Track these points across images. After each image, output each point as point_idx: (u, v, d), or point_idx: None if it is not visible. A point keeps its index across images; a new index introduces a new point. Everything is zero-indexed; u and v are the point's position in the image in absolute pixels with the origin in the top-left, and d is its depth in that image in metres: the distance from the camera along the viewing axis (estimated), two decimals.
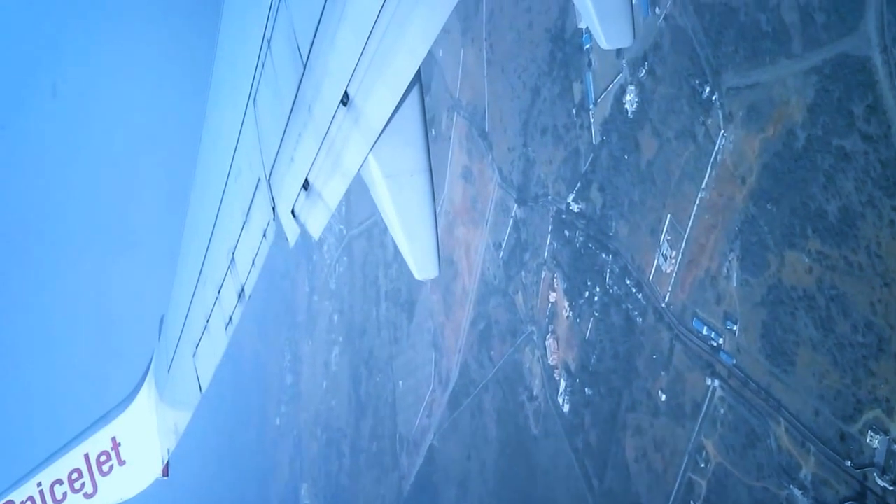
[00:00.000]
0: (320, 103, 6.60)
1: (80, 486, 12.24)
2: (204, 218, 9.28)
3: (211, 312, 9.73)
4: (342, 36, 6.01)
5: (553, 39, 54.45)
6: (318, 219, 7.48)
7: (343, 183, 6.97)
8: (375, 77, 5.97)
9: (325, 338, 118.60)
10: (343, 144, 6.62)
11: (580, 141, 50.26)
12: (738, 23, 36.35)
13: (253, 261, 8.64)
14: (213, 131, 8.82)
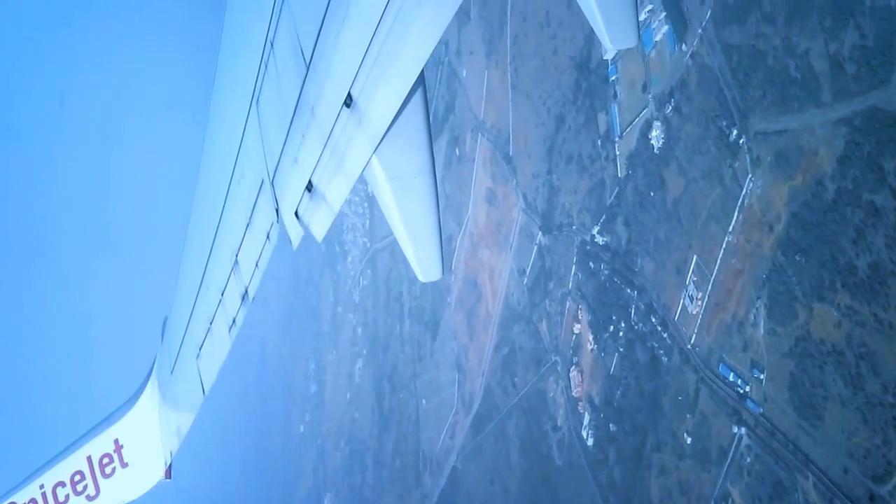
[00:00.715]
0: (323, 105, 6.62)
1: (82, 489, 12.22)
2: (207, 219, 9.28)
3: (214, 314, 9.72)
4: (345, 37, 6.02)
5: (578, 68, 54.24)
6: (322, 220, 7.48)
7: (347, 184, 7.00)
8: (379, 78, 5.98)
9: (348, 349, 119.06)
10: (346, 146, 6.65)
11: (605, 173, 50.03)
12: (766, 66, 35.97)
13: (256, 263, 8.63)
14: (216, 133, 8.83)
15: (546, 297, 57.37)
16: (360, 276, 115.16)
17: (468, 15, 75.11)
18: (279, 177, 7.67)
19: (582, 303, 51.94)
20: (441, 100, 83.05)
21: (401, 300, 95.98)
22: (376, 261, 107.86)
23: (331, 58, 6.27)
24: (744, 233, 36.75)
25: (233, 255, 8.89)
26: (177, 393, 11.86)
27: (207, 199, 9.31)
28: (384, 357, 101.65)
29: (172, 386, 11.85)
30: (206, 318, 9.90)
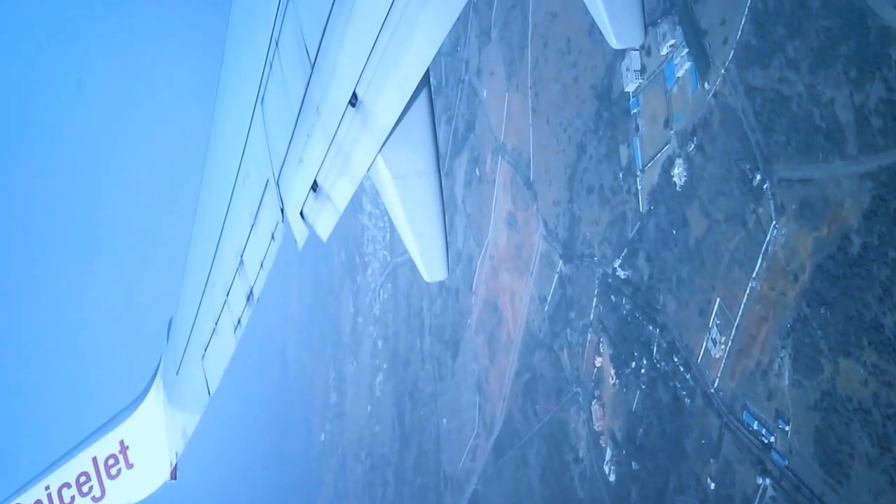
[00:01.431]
0: (329, 104, 6.58)
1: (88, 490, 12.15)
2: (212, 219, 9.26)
3: (220, 315, 9.67)
4: (350, 36, 6.00)
5: (599, 97, 53.93)
6: (327, 220, 7.42)
7: (352, 184, 6.95)
8: (384, 78, 5.94)
9: (369, 362, 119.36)
10: (352, 145, 6.61)
11: (627, 206, 49.71)
12: (790, 112, 35.54)
13: (262, 263, 8.58)
14: (221, 132, 8.81)
15: (567, 327, 57.13)
16: (381, 290, 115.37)
17: (489, 35, 75.04)
18: (284, 176, 7.66)
19: (603, 336, 51.66)
20: (461, 118, 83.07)
21: (421, 316, 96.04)
22: (397, 275, 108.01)
23: (336, 57, 6.26)
24: (768, 280, 36.35)
25: (238, 256, 8.86)
26: (182, 394, 11.80)
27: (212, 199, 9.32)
28: (405, 372, 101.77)
29: (178, 386, 11.80)
30: (211, 318, 9.88)
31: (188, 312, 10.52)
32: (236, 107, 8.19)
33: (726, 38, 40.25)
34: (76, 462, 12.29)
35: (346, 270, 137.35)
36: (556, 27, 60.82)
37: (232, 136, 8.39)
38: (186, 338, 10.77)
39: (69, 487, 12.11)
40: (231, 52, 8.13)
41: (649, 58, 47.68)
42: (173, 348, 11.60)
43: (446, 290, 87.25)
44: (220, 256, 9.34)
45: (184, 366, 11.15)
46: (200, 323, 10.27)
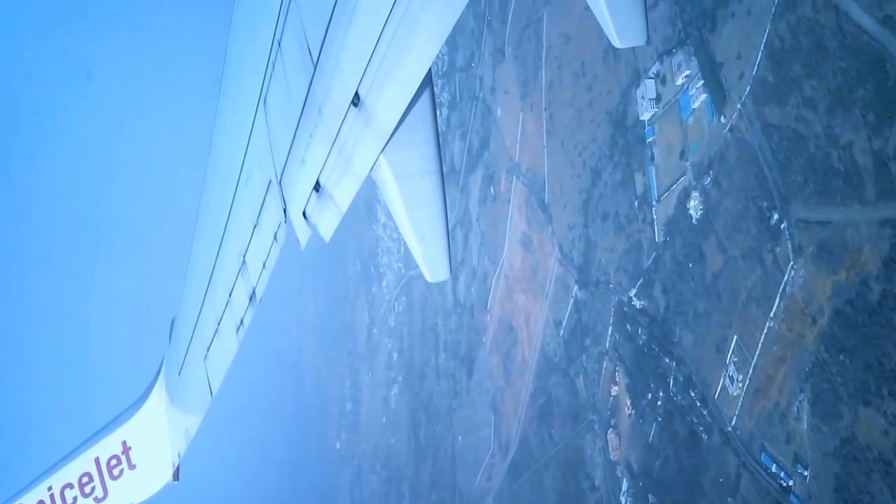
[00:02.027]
0: (331, 104, 6.57)
1: (90, 490, 12.16)
2: (215, 220, 9.21)
3: (222, 315, 9.64)
4: (353, 36, 5.97)
5: (614, 123, 53.65)
6: (330, 221, 7.41)
7: (354, 184, 6.94)
8: (386, 78, 5.92)
9: (384, 374, 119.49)
10: (354, 146, 6.60)
11: (642, 235, 49.43)
12: (807, 152, 35.20)
13: (264, 263, 8.57)
14: (224, 133, 8.74)
15: (583, 353, 56.90)
16: (396, 302, 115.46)
17: (503, 53, 74.88)
18: (287, 177, 7.64)
19: (619, 365, 51.41)
20: (476, 135, 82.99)
21: (436, 331, 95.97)
22: (412, 288, 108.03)
23: (338, 57, 6.24)
24: (786, 321, 36.02)
25: (240, 256, 8.85)
26: (185, 394, 11.78)
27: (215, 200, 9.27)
28: (420, 386, 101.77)
29: (180, 387, 11.77)
30: (213, 319, 9.86)
31: (191, 313, 10.50)
32: (239, 107, 8.17)
33: (742, 73, 39.92)
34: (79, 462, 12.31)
35: (361, 280, 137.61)
36: (570, 50, 60.55)
37: (235, 136, 8.37)
38: (189, 338, 10.75)
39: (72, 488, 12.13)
40: (234, 53, 8.11)
41: (664, 87, 47.37)
42: (176, 349, 11.55)
43: (461, 306, 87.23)
44: (222, 257, 9.32)
45: (186, 366, 11.14)
46: (203, 323, 10.23)
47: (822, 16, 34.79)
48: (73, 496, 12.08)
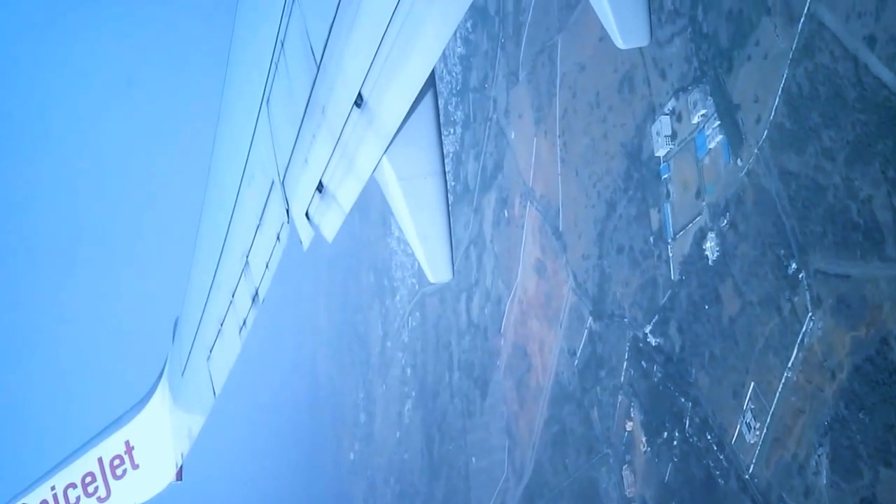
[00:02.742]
0: (334, 105, 6.59)
1: (93, 490, 12.20)
2: (218, 220, 9.26)
3: (225, 316, 9.68)
4: (356, 37, 5.99)
5: (629, 156, 53.40)
6: (333, 221, 7.44)
7: (357, 185, 6.95)
8: (389, 78, 5.93)
9: (398, 388, 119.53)
10: (357, 146, 6.62)
11: (658, 272, 49.15)
12: (826, 202, 34.86)
13: (267, 264, 8.60)
14: (227, 133, 8.80)
15: (597, 385, 56.65)
16: (409, 317, 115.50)
17: (516, 76, 74.73)
18: (290, 177, 7.67)
19: (634, 401, 51.16)
20: (489, 156, 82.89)
21: (450, 349, 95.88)
22: (425, 304, 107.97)
23: (341, 58, 6.26)
24: (804, 372, 35.69)
25: (243, 256, 8.88)
26: (188, 394, 11.81)
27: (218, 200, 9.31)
28: (434, 404, 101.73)
29: (183, 387, 11.79)
30: (216, 319, 9.88)
31: (194, 313, 10.53)
32: (242, 107, 8.20)
33: (759, 117, 39.59)
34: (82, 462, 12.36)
35: (375, 293, 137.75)
36: (584, 79, 60.31)
37: (237, 136, 8.40)
38: (192, 339, 10.78)
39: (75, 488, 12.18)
40: (237, 53, 8.14)
41: (680, 124, 47.08)
42: (179, 349, 11.59)
43: (474, 327, 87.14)
44: (225, 257, 9.34)
45: (189, 367, 11.16)
46: (206, 324, 10.26)
47: (840, 65, 34.44)
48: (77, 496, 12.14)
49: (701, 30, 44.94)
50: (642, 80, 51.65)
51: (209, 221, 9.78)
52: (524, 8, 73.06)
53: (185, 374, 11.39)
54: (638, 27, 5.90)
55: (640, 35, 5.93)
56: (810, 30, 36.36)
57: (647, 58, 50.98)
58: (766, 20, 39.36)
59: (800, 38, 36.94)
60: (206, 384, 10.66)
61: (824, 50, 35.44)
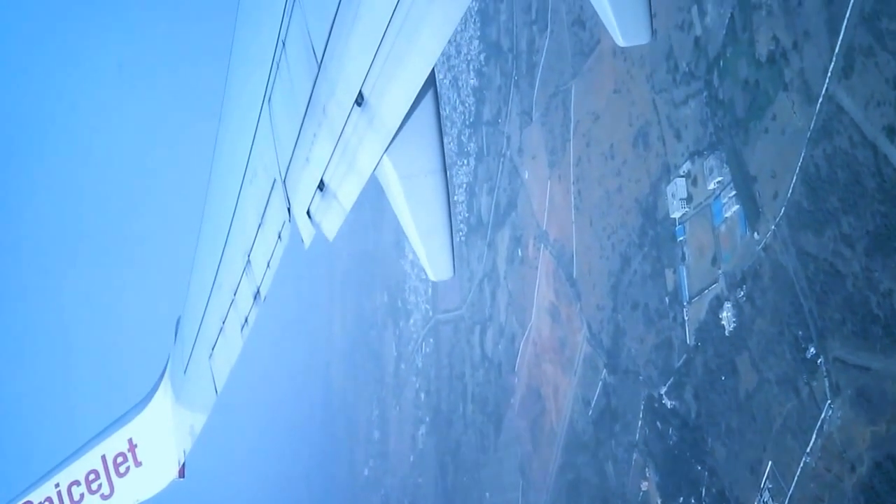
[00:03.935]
0: (335, 104, 6.61)
1: (97, 488, 12.28)
2: (219, 219, 9.28)
3: (227, 314, 9.72)
4: (356, 36, 6.01)
5: (644, 213, 53.09)
6: (334, 220, 7.46)
7: (358, 183, 6.98)
8: (390, 77, 5.96)
9: (412, 411, 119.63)
10: (358, 145, 6.65)
11: (673, 334, 48.84)
12: (845, 290, 34.47)
13: (268, 262, 8.62)
14: (228, 132, 8.82)
15: (612, 438, 56.40)
16: (423, 343, 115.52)
17: (530, 116, 74.56)
18: (291, 176, 7.70)
19: (650, 461, 50.89)
20: (503, 193, 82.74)
21: (464, 381, 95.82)
22: (439, 332, 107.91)
23: (342, 57, 6.28)
24: (823, 460, 35.34)
25: (245, 255, 8.91)
26: (190, 392, 11.88)
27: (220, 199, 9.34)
28: (447, 432, 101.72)
29: (186, 385, 11.88)
30: (218, 317, 9.93)
31: (196, 312, 10.57)
32: (243, 106, 8.21)
33: (776, 193, 39.25)
34: (85, 460, 12.43)
35: (389, 312, 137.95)
36: (598, 129, 60.04)
37: (239, 135, 8.41)
38: (194, 337, 10.80)
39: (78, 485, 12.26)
40: (238, 52, 8.16)
41: (695, 188, 46.77)
42: (181, 347, 11.64)
43: (488, 361, 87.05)
44: (227, 256, 9.39)
45: (191, 365, 11.22)
46: (208, 322, 10.30)
47: (859, 152, 34.08)
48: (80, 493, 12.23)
49: (717, 95, 44.62)
50: (657, 137, 51.33)
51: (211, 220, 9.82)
52: (537, 49, 72.84)
53: (188, 372, 11.46)
54: (638, 26, 5.91)
55: (641, 34, 5.94)
56: (828, 111, 36.00)
57: (661, 116, 50.70)
58: (782, 95, 39.01)
59: (818, 118, 36.59)
60: (209, 382, 10.75)
61: (843, 134, 35.07)
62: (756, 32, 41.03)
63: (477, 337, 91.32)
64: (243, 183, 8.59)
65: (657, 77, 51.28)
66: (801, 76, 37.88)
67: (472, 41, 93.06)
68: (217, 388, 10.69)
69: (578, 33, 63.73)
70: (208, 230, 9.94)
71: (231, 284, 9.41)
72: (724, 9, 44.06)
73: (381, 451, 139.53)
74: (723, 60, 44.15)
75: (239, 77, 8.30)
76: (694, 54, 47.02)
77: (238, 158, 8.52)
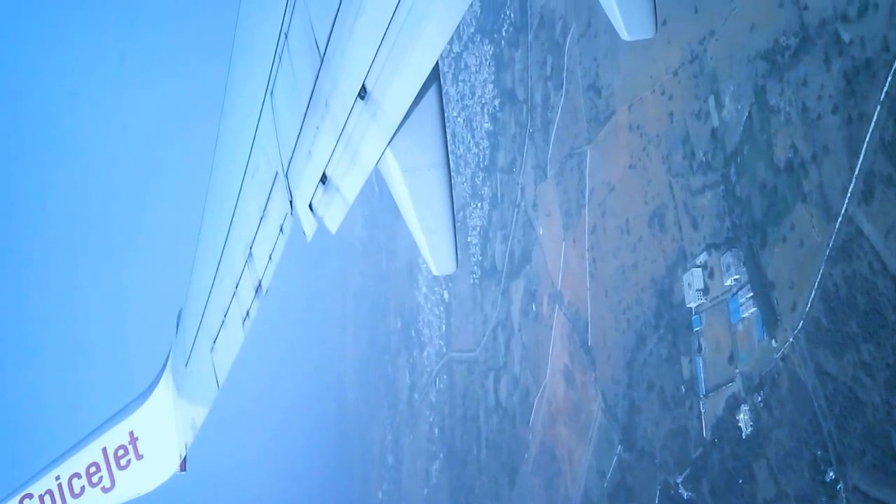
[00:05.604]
0: (337, 97, 6.59)
1: (97, 480, 12.26)
2: (222, 212, 9.25)
3: (228, 307, 9.70)
4: (359, 29, 5.98)
5: (659, 294, 52.70)
6: (336, 213, 7.41)
7: (361, 177, 6.94)
8: (393, 70, 5.92)
9: (425, 445, 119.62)
10: (360, 138, 6.62)
11: (689, 424, 48.46)
12: (865, 419, 34.03)
13: (270, 255, 8.59)
14: (231, 125, 8.78)
15: None
16: (437, 378, 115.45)
17: (544, 171, 74.27)
18: (293, 169, 7.68)
19: None
20: (517, 243, 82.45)
21: (478, 423, 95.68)
22: (453, 370, 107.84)
23: (345, 50, 6.25)
24: None
25: (247, 248, 8.88)
26: (192, 385, 11.85)
27: (222, 192, 9.31)
28: (461, 471, 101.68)
29: (187, 378, 11.86)
30: (220, 310, 9.92)
31: (197, 304, 10.52)
32: (246, 99, 8.18)
33: (795, 305, 38.82)
34: (86, 452, 12.42)
35: (403, 341, 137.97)
36: (614, 201, 59.67)
37: (241, 128, 8.37)
38: (196, 330, 10.78)
39: (79, 477, 12.24)
40: (241, 45, 8.13)
41: (712, 281, 46.38)
42: (182, 340, 11.63)
43: (502, 410, 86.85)
44: (229, 248, 9.36)
45: (193, 358, 11.21)
46: (209, 315, 10.28)
47: (879, 281, 33.63)
48: (81, 485, 12.21)
49: (734, 192, 44.20)
50: (673, 221, 50.93)
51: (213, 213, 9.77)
52: (552, 106, 72.50)
53: (189, 364, 11.43)
54: (643, 20, 5.86)
55: (645, 28, 5.89)
56: (848, 233, 35.56)
57: (678, 201, 50.31)
58: (801, 207, 38.60)
59: (836, 237, 36.16)
60: (210, 375, 10.72)
61: (863, 259, 34.63)
62: (774, 136, 40.62)
63: (491, 383, 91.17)
64: (245, 176, 8.56)
65: (673, 160, 50.87)
66: (820, 190, 37.43)
67: (487, 85, 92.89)
68: (218, 381, 10.64)
69: (594, 99, 63.34)
70: (210, 223, 9.91)
71: (233, 277, 9.39)
72: (742, 105, 43.64)
73: (395, 477, 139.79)
74: (740, 157, 43.74)
75: (241, 70, 8.29)
76: (710, 144, 46.61)
77: (240, 151, 8.49)
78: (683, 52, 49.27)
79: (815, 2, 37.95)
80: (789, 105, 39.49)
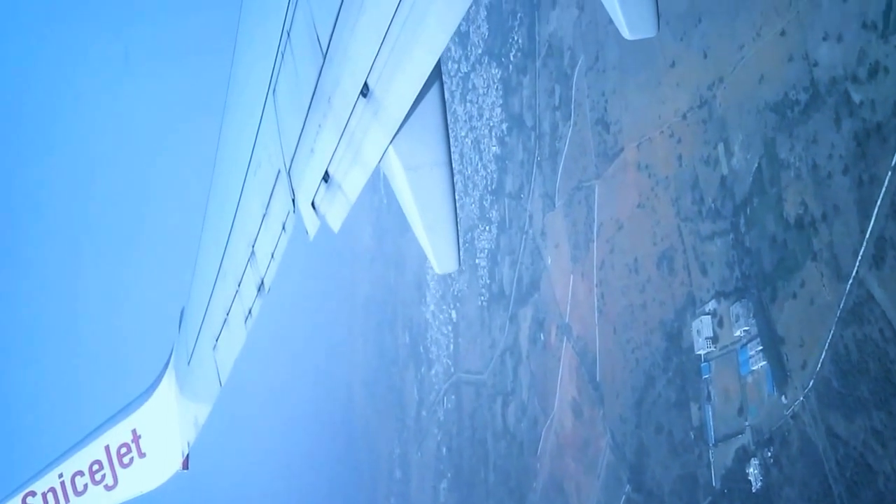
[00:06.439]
0: (340, 95, 6.58)
1: (100, 478, 12.30)
2: (224, 210, 9.25)
3: (231, 305, 9.70)
4: (362, 26, 5.98)
5: (668, 338, 52.40)
6: (339, 211, 7.42)
7: (363, 175, 6.96)
8: (396, 68, 5.92)
9: (433, 463, 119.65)
10: (363, 136, 6.63)
11: (698, 472, 48.15)
12: (876, 488, 33.70)
13: (272, 254, 8.61)
14: (233, 123, 8.82)
15: None
16: (445, 397, 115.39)
17: (553, 201, 74.06)
18: (296, 167, 7.68)
19: None
20: (525, 270, 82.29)
21: (485, 447, 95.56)
22: (461, 391, 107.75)
23: (347, 47, 6.26)
24: None
25: (249, 246, 8.90)
26: (194, 384, 11.86)
27: (224, 190, 9.33)
28: (469, 494, 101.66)
29: (190, 377, 11.86)
30: (222, 308, 9.93)
31: (200, 303, 10.54)
32: (248, 97, 8.19)
33: (805, 363, 38.48)
34: (89, 450, 12.47)
35: (410, 355, 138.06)
36: (622, 239, 59.38)
37: (243, 126, 8.40)
38: (198, 328, 10.79)
39: (82, 475, 12.28)
40: (243, 43, 8.14)
41: (721, 329, 46.04)
42: (185, 338, 11.66)
43: (510, 436, 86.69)
44: (231, 247, 9.38)
45: (195, 356, 11.21)
46: (212, 313, 10.29)
47: (891, 348, 33.27)
48: (84, 483, 12.23)
49: (743, 242, 43.87)
50: (682, 265, 50.63)
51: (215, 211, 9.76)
52: (560, 136, 72.25)
53: (192, 363, 11.44)
54: (645, 19, 5.86)
55: (647, 27, 5.89)
56: (859, 295, 35.20)
57: (687, 245, 50.00)
58: (811, 264, 38.24)
59: (847, 299, 35.79)
60: (213, 373, 10.71)
61: (874, 324, 34.28)
62: (784, 191, 40.27)
63: (499, 407, 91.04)
64: (247, 174, 8.56)
65: (682, 204, 50.55)
66: (831, 250, 37.08)
67: (495, 108, 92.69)
68: (221, 379, 10.66)
69: (602, 134, 63.04)
70: (212, 221, 9.90)
71: (235, 276, 9.40)
72: (752, 155, 43.30)
73: (403, 492, 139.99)
74: (749, 208, 43.40)
75: (243, 68, 8.29)
76: (720, 192, 46.28)
77: (242, 149, 8.49)
78: (692, 97, 48.93)
79: (825, 59, 37.60)
80: (799, 161, 39.15)
